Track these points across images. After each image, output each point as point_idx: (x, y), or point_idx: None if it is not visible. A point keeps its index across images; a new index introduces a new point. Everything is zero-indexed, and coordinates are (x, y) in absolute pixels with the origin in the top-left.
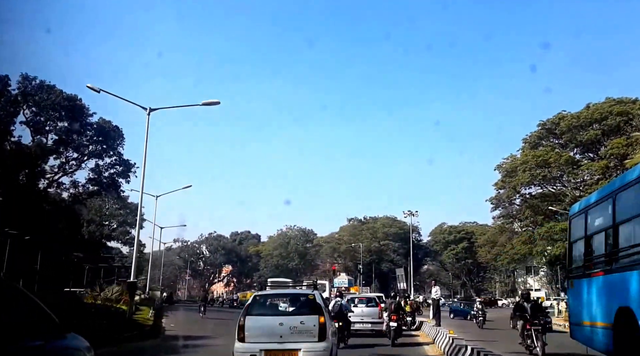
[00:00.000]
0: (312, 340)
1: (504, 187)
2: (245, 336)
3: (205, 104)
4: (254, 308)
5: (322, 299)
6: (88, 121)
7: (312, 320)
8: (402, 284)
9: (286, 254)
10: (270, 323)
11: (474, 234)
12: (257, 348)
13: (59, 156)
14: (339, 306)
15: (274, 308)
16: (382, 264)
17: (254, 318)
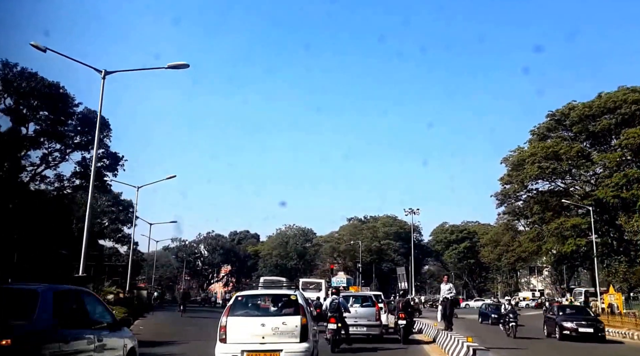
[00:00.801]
0: (293, 341)
1: (510, 181)
2: (226, 337)
3: (172, 67)
4: (236, 308)
5: (305, 299)
6: (73, 111)
7: (294, 320)
8: (403, 284)
9: (285, 254)
10: (251, 323)
11: (476, 234)
12: (239, 349)
13: (40, 146)
14: (336, 304)
15: (256, 308)
16: (383, 264)
17: (236, 319)
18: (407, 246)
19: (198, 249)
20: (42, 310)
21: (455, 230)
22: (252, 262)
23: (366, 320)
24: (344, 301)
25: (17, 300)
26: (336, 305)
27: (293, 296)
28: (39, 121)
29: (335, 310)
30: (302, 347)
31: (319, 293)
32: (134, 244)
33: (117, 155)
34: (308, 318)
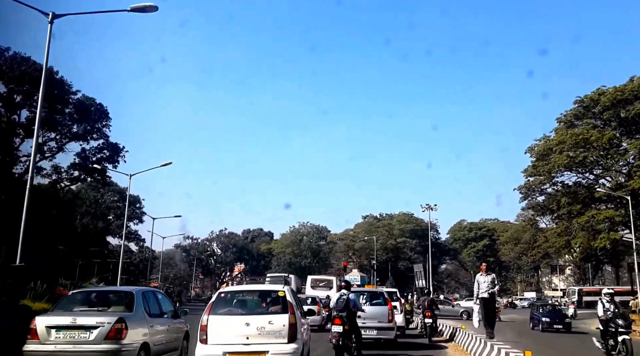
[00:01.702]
0: (281, 341)
1: (535, 173)
2: (207, 337)
3: (135, 10)
4: (219, 306)
5: (294, 296)
6: (69, 98)
7: (282, 319)
8: (421, 282)
9: (299, 252)
10: (235, 323)
11: (496, 232)
12: (220, 350)
13: (31, 134)
14: (344, 301)
15: (241, 306)
16: (399, 262)
17: (218, 318)
18: (424, 244)
19: (211, 247)
20: (138, 305)
21: (474, 227)
22: (265, 260)
23: (376, 321)
24: (356, 297)
25: (121, 298)
26: (344, 301)
27: (281, 292)
28: (32, 108)
29: (343, 308)
30: (290, 348)
31: (329, 291)
32: (141, 241)
33: (117, 145)
34: (297, 317)
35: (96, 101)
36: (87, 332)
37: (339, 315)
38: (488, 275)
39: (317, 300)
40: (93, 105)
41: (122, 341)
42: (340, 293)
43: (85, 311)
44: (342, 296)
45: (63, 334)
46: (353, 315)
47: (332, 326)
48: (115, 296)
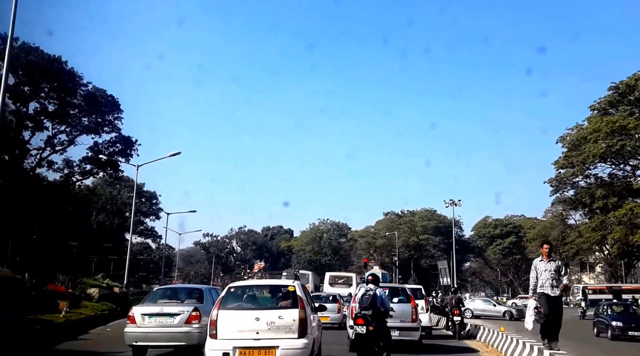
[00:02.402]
0: (291, 336)
1: (567, 165)
2: (217, 332)
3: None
4: (228, 301)
5: (304, 291)
6: (80, 90)
7: (292, 314)
8: (446, 279)
9: (319, 250)
10: (245, 317)
11: (522, 228)
12: (230, 345)
13: (41, 127)
14: (369, 298)
15: (251, 301)
16: (422, 260)
17: (228, 313)
18: (447, 241)
19: (230, 244)
20: (206, 298)
21: (499, 224)
22: (285, 258)
23: (398, 320)
24: (384, 293)
25: (194, 293)
26: (370, 298)
27: (291, 287)
28: (40, 99)
29: (368, 306)
30: (300, 343)
31: (349, 288)
32: (158, 238)
33: (129, 138)
34: (307, 312)
35: (107, 92)
36: (172, 318)
37: (362, 314)
38: (551, 262)
39: (338, 297)
40: (104, 96)
41: (197, 325)
42: (365, 288)
43: (168, 302)
44: (367, 291)
45: (154, 320)
46: (380, 314)
47: (355, 326)
48: (189, 292)
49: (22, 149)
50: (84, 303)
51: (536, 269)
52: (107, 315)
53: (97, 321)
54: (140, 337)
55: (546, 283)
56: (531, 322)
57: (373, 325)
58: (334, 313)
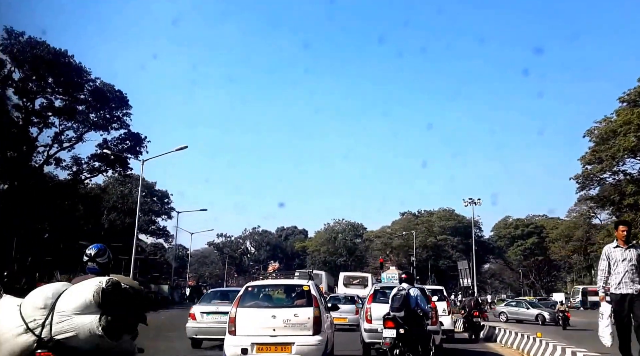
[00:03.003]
0: (306, 333)
1: (595, 160)
2: (236, 329)
3: None
4: (246, 299)
5: (318, 290)
6: (88, 85)
7: (307, 312)
8: (466, 281)
9: (334, 250)
10: (262, 315)
11: (544, 228)
12: (249, 341)
13: (48, 123)
14: (401, 298)
15: (267, 299)
16: (439, 261)
17: (246, 310)
18: (466, 241)
19: (244, 245)
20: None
21: (521, 224)
22: (300, 259)
23: None
24: (419, 293)
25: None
26: (402, 298)
27: (306, 286)
28: (46, 94)
29: (400, 307)
30: (315, 340)
31: (364, 289)
32: (170, 237)
33: (139, 135)
34: (321, 310)
35: (114, 87)
36: (225, 316)
37: (392, 316)
38: (631, 249)
39: (356, 298)
40: (112, 92)
41: None
42: (397, 288)
43: (220, 302)
44: (399, 291)
45: (210, 317)
46: (415, 316)
47: (384, 331)
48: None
49: (29, 146)
50: None
51: (609, 259)
52: None
53: None
54: (199, 331)
55: (625, 278)
56: (609, 335)
57: (405, 328)
58: (351, 314)
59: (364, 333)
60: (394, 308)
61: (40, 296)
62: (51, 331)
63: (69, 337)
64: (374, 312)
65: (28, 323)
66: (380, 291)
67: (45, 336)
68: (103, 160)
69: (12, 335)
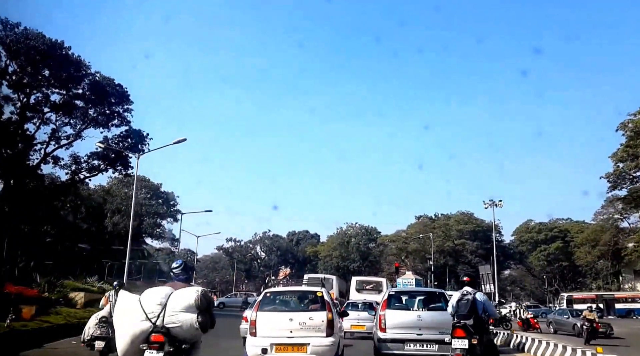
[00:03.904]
0: (319, 335)
1: (628, 157)
2: (256, 331)
3: None
4: (265, 304)
5: (330, 296)
6: (87, 79)
7: (321, 316)
8: (489, 287)
9: (346, 255)
10: (280, 318)
11: (569, 232)
12: (268, 342)
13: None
14: (468, 303)
15: (284, 304)
16: (458, 266)
17: (265, 314)
18: (486, 246)
19: (254, 250)
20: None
21: (544, 228)
22: (311, 264)
23: (436, 331)
24: (486, 298)
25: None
26: (468, 303)
27: (319, 292)
28: (42, 88)
29: (468, 314)
30: (328, 341)
31: (378, 295)
32: (176, 241)
33: (140, 132)
34: (334, 314)
35: (114, 80)
36: None
37: (462, 324)
38: None
39: (375, 304)
40: (111, 86)
41: None
42: (461, 292)
43: None
44: (464, 295)
45: None
46: (483, 323)
47: (453, 341)
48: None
49: (25, 144)
50: (60, 310)
51: None
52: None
53: (66, 331)
54: None
55: None
56: None
57: (477, 338)
58: (370, 321)
59: (377, 343)
60: (460, 315)
61: (157, 295)
62: (163, 321)
63: (175, 327)
64: (389, 319)
65: (147, 314)
66: (396, 296)
67: (159, 324)
68: (103, 158)
69: (136, 321)
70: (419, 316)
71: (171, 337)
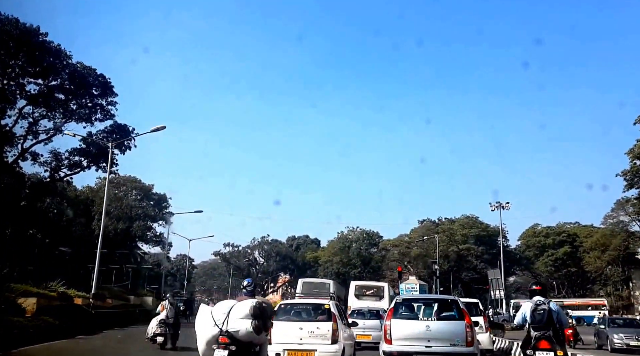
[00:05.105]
0: (326, 343)
1: None
2: (271, 338)
3: None
4: (280, 314)
5: (338, 308)
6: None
7: (327, 325)
8: (499, 292)
9: (347, 261)
10: (292, 327)
11: (578, 237)
12: (281, 348)
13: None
14: (544, 313)
15: (297, 314)
16: (462, 272)
17: (279, 323)
18: (492, 251)
19: (252, 255)
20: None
21: (551, 233)
22: (311, 270)
23: (447, 343)
24: (559, 307)
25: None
26: (545, 313)
27: (327, 305)
28: (17, 77)
29: (547, 324)
30: (333, 348)
31: (379, 301)
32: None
33: (126, 127)
34: (339, 324)
35: (96, 71)
36: None
37: (547, 335)
38: None
39: (382, 312)
40: (93, 76)
41: None
42: (535, 301)
43: None
44: (539, 305)
45: None
46: (559, 334)
47: (537, 353)
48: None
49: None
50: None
51: None
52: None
53: None
54: None
55: None
56: None
57: (561, 349)
58: (376, 330)
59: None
60: (537, 326)
61: (224, 306)
62: (227, 327)
63: (236, 331)
64: (395, 330)
65: (216, 321)
66: (403, 304)
67: (224, 329)
68: (86, 155)
69: (209, 327)
70: (428, 326)
71: (234, 339)
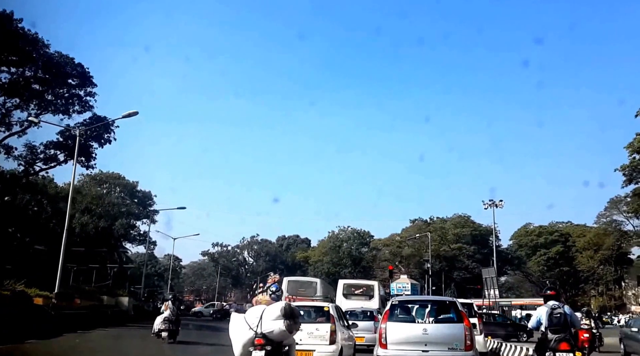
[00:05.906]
0: (324, 343)
1: None
2: None
3: None
4: None
5: (336, 310)
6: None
7: (325, 327)
8: (493, 292)
9: (338, 260)
10: None
11: (570, 236)
12: None
13: None
14: (561, 316)
15: None
16: (454, 272)
17: None
18: (484, 251)
19: (241, 255)
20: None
21: (544, 232)
22: (302, 270)
23: (445, 347)
24: (571, 311)
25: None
26: (562, 317)
27: (326, 307)
28: None
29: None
30: (330, 349)
31: (369, 301)
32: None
33: (105, 119)
34: (337, 326)
35: (74, 60)
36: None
37: (568, 338)
38: None
39: (375, 313)
40: (71, 65)
41: None
42: (550, 305)
43: None
44: (555, 309)
45: None
46: (576, 337)
47: (559, 355)
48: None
49: None
50: None
51: None
52: None
53: None
54: None
55: None
56: None
57: (581, 351)
58: (369, 332)
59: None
60: (555, 329)
61: (256, 311)
62: (261, 329)
63: (270, 332)
64: (390, 334)
65: (250, 325)
66: (399, 306)
67: (258, 331)
68: (63, 148)
69: (244, 331)
70: (425, 329)
71: (268, 340)
